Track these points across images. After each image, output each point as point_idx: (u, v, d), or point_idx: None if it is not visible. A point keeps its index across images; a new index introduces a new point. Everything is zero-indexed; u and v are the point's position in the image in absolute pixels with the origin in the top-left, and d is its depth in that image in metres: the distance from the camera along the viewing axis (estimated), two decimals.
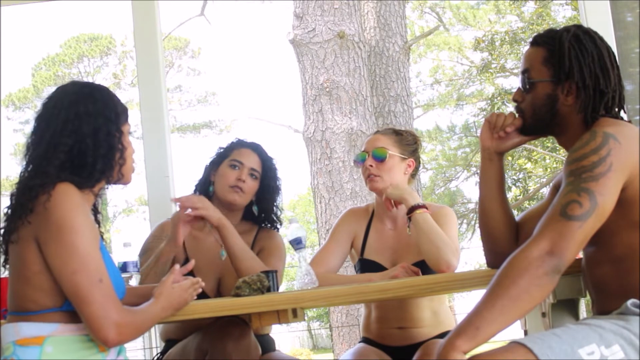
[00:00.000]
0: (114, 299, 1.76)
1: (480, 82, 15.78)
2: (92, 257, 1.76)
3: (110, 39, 21.56)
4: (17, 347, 1.75)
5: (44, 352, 1.74)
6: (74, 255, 1.73)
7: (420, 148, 2.77)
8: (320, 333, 22.85)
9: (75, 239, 1.74)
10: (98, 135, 1.87)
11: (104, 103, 1.92)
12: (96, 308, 1.72)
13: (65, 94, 1.93)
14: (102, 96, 1.93)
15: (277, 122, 32.46)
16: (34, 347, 1.75)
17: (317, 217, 7.34)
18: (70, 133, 1.85)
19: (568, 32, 1.89)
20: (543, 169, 12.90)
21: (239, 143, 2.74)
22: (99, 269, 1.76)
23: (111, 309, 1.74)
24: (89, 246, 1.76)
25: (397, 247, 2.64)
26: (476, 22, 15.26)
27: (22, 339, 1.76)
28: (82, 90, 1.93)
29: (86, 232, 1.77)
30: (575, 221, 1.60)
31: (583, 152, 1.69)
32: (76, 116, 1.87)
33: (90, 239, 1.77)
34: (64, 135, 1.85)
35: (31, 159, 1.88)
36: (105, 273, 1.77)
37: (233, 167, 2.65)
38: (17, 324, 1.78)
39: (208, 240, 2.62)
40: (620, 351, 1.56)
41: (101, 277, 1.75)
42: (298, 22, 7.40)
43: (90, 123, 1.87)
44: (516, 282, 1.56)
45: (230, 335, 2.25)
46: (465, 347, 1.53)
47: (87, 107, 1.89)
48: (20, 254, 1.79)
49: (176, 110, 21.82)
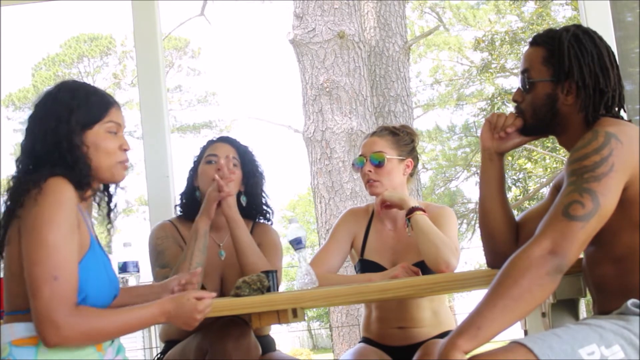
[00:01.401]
0: (64, 299, 1.69)
1: (480, 82, 15.78)
2: (57, 253, 1.70)
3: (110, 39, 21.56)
4: (13, 348, 1.74)
5: (39, 352, 1.73)
6: (38, 248, 1.69)
7: (418, 145, 2.77)
8: (320, 333, 22.85)
9: (46, 231, 1.70)
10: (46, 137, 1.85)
11: (61, 102, 1.89)
12: (41, 304, 1.68)
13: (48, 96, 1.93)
14: (62, 94, 1.90)
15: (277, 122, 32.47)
16: (29, 347, 1.74)
17: (317, 217, 7.34)
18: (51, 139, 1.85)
19: (567, 32, 1.89)
20: (543, 169, 12.90)
21: (210, 141, 2.76)
22: (59, 266, 1.69)
23: (57, 309, 1.67)
24: (59, 241, 1.71)
25: (397, 248, 2.64)
26: (476, 22, 15.26)
27: (17, 339, 1.75)
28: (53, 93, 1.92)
29: (61, 227, 1.72)
30: (577, 221, 1.60)
31: (585, 152, 1.69)
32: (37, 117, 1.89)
33: (64, 235, 1.72)
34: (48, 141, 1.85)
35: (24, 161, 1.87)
36: (68, 271, 1.71)
37: (209, 162, 2.65)
38: (13, 324, 1.77)
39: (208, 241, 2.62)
40: (621, 351, 1.56)
41: (58, 274, 1.69)
42: (298, 22, 7.40)
43: (44, 124, 1.86)
44: (518, 282, 1.56)
45: (230, 335, 2.26)
46: (466, 347, 1.53)
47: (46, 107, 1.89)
48: (11, 250, 1.78)
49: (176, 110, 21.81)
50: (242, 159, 2.68)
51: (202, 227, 2.47)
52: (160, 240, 2.61)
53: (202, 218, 2.49)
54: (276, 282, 2.31)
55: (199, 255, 2.44)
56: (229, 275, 2.59)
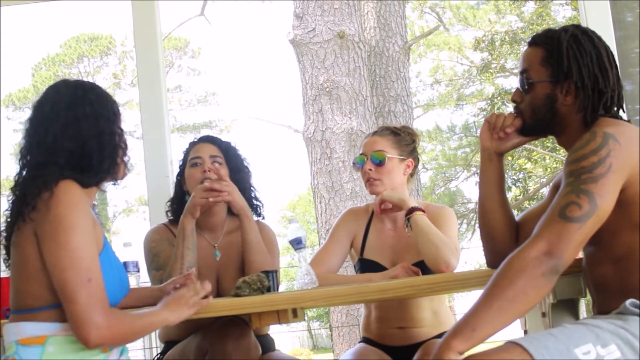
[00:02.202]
0: (100, 301, 1.74)
1: (480, 82, 15.78)
2: (85, 256, 1.74)
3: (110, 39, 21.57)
4: (19, 347, 1.75)
5: (45, 352, 1.74)
6: (66, 253, 1.72)
7: (418, 145, 2.77)
8: (320, 333, 22.85)
9: (70, 236, 1.73)
10: (102, 137, 1.87)
11: (101, 104, 1.92)
12: (80, 308, 1.71)
13: (59, 96, 1.91)
14: (97, 97, 1.93)
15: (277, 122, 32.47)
16: (35, 347, 1.75)
17: (317, 217, 7.34)
18: (72, 137, 1.85)
19: (566, 32, 1.89)
20: (543, 169, 12.90)
21: (191, 143, 2.76)
22: (89, 268, 1.74)
23: (95, 310, 1.72)
24: (83, 244, 1.75)
25: (397, 247, 2.64)
26: (476, 22, 15.26)
27: (24, 339, 1.76)
28: (76, 92, 1.92)
29: (83, 230, 1.76)
30: (574, 223, 1.60)
31: (583, 153, 1.69)
32: (76, 120, 1.87)
33: (86, 238, 1.76)
34: (65, 139, 1.85)
35: (30, 162, 1.88)
36: (97, 273, 1.76)
37: (194, 165, 2.65)
38: (19, 323, 1.78)
39: (201, 242, 2.63)
40: (617, 351, 1.56)
41: (91, 276, 1.73)
42: (298, 22, 7.40)
43: (92, 126, 1.87)
44: (513, 283, 1.56)
45: (230, 335, 2.26)
46: (461, 348, 1.53)
47: (85, 109, 1.88)
48: (22, 251, 1.79)
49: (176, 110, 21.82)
50: (225, 155, 2.69)
51: (187, 226, 2.48)
52: (155, 243, 2.61)
53: (187, 217, 2.50)
54: (276, 282, 2.32)
55: (189, 254, 2.46)
56: (224, 275, 2.59)
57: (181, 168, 2.73)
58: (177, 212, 2.66)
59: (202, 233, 2.63)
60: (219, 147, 2.70)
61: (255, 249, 2.52)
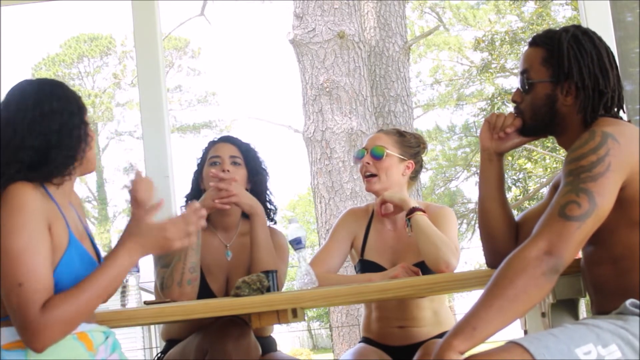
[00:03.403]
0: (30, 303, 1.66)
1: (480, 82, 15.79)
2: (21, 260, 1.67)
3: (110, 39, 21.59)
4: (3, 352, 1.73)
5: (29, 353, 1.72)
6: (2, 258, 1.68)
7: (424, 152, 2.77)
8: (320, 333, 22.86)
9: (7, 240, 1.68)
10: (63, 130, 1.83)
11: (66, 98, 1.89)
12: (12, 314, 1.67)
13: (25, 94, 1.88)
14: (63, 92, 1.90)
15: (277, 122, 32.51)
16: (19, 351, 1.72)
17: (317, 217, 7.34)
18: (38, 134, 1.81)
19: (567, 33, 1.89)
20: (543, 169, 12.91)
21: (211, 142, 2.76)
22: (24, 273, 1.66)
23: (25, 314, 1.65)
24: (22, 248, 1.68)
25: (397, 248, 2.64)
26: (476, 22, 15.27)
27: (6, 344, 1.74)
28: (42, 89, 1.89)
29: (23, 233, 1.69)
30: (573, 222, 1.60)
31: (582, 152, 1.69)
32: (41, 115, 1.83)
33: (28, 240, 1.69)
34: (31, 136, 1.81)
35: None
36: (35, 276, 1.68)
37: (213, 164, 2.65)
38: (1, 329, 1.76)
39: (214, 241, 2.63)
40: (618, 351, 1.56)
41: (22, 280, 1.66)
42: (298, 22, 7.40)
43: (55, 120, 1.84)
44: (514, 282, 1.56)
45: (230, 335, 2.26)
46: (462, 348, 1.53)
47: (51, 104, 1.85)
48: None
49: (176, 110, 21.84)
50: (245, 156, 2.69)
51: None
52: None
53: None
54: (276, 282, 2.32)
55: (193, 255, 2.45)
56: (234, 275, 2.59)
57: (199, 166, 2.73)
58: None
59: (216, 232, 2.63)
60: (239, 147, 2.70)
61: (263, 248, 2.52)
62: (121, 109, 22.13)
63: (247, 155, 2.69)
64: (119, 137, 22.23)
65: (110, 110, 21.65)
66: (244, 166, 2.66)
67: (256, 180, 2.69)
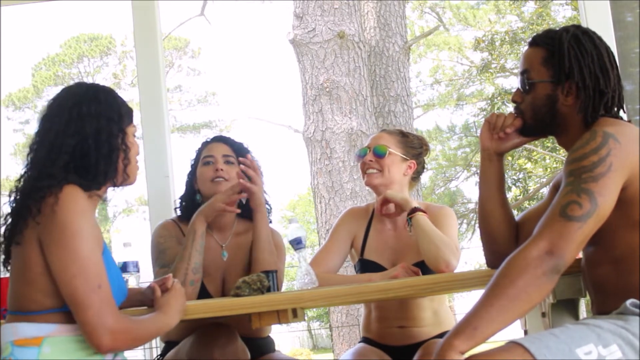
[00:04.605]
0: (111, 305, 1.75)
1: (480, 82, 15.78)
2: (92, 262, 1.75)
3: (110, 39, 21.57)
4: (15, 348, 1.75)
5: (41, 353, 1.74)
6: (74, 260, 1.73)
7: (426, 154, 2.77)
8: (320, 333, 22.85)
9: (77, 243, 1.74)
10: (100, 136, 1.87)
11: (108, 104, 1.92)
12: (92, 314, 1.72)
13: (69, 95, 1.93)
14: (106, 97, 1.93)
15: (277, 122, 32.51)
16: (31, 348, 1.75)
17: (317, 217, 7.34)
18: (74, 133, 1.85)
19: (567, 33, 1.89)
20: (543, 169, 12.90)
21: (204, 142, 2.77)
22: (98, 274, 1.75)
23: (107, 315, 1.73)
24: (90, 251, 1.75)
25: (397, 248, 2.64)
26: (476, 22, 15.26)
27: (20, 340, 1.75)
28: (86, 92, 1.93)
29: (89, 237, 1.76)
30: (575, 222, 1.60)
31: (583, 152, 1.69)
32: (79, 116, 1.87)
33: (92, 244, 1.77)
34: (67, 135, 1.85)
35: (35, 160, 1.88)
36: (105, 278, 1.77)
37: (207, 163, 2.65)
38: (15, 324, 1.78)
39: (210, 242, 2.63)
40: (618, 351, 1.56)
41: (100, 282, 1.75)
42: (298, 22, 7.40)
43: (92, 123, 1.87)
44: (514, 282, 1.56)
45: (217, 342, 2.27)
46: (462, 347, 1.53)
47: (90, 107, 1.89)
48: (24, 255, 1.79)
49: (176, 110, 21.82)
50: (238, 155, 2.69)
51: (199, 228, 2.49)
52: (163, 239, 2.61)
53: (201, 220, 2.50)
54: (276, 282, 2.32)
55: (196, 256, 2.45)
56: (230, 276, 2.59)
57: (193, 167, 2.73)
58: (187, 209, 2.67)
59: (211, 233, 2.63)
60: (232, 146, 2.71)
61: (264, 247, 2.53)
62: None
63: (240, 154, 2.69)
64: None
65: None
66: (237, 165, 2.67)
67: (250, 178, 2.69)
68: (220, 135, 2.78)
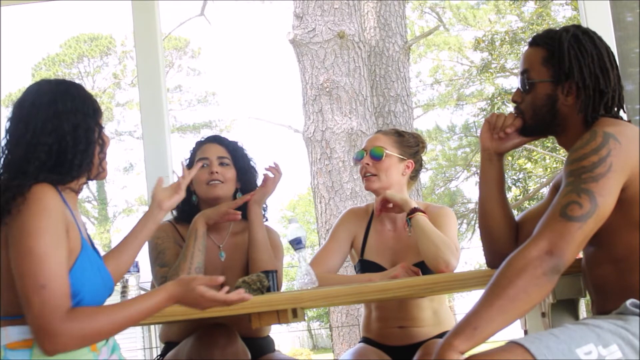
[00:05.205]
0: (55, 307, 1.66)
1: (480, 82, 15.79)
2: (44, 261, 1.68)
3: (110, 39, 21.58)
4: (7, 351, 1.73)
5: (33, 354, 1.72)
6: (24, 258, 1.67)
7: (423, 151, 2.77)
8: (320, 333, 22.86)
9: (32, 241, 1.68)
10: (77, 132, 1.84)
11: (81, 99, 1.89)
12: (33, 315, 1.66)
13: (40, 93, 1.89)
14: (79, 92, 1.90)
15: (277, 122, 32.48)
16: (23, 350, 1.72)
17: (317, 217, 7.34)
18: (51, 132, 1.82)
19: (567, 32, 1.89)
20: (543, 169, 12.91)
21: (198, 143, 2.76)
22: (47, 275, 1.67)
23: (48, 317, 1.65)
24: (46, 250, 1.68)
25: (397, 248, 2.64)
26: (476, 22, 15.27)
27: (11, 343, 1.74)
28: (58, 88, 1.90)
29: (46, 235, 1.69)
30: (575, 222, 1.60)
31: (583, 152, 1.69)
32: (55, 114, 1.84)
33: (51, 242, 1.70)
34: (44, 134, 1.81)
35: (10, 161, 1.84)
36: (58, 279, 1.69)
37: (202, 166, 2.66)
38: (6, 327, 1.76)
39: (207, 242, 2.62)
40: (618, 351, 1.56)
41: (45, 282, 1.66)
42: (298, 22, 7.40)
43: (69, 120, 1.84)
44: (514, 282, 1.56)
45: (217, 344, 2.27)
46: (462, 347, 1.53)
47: (66, 104, 1.85)
48: (2, 258, 1.75)
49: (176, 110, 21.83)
50: (232, 156, 2.69)
51: (200, 228, 2.50)
52: (161, 240, 2.61)
53: (202, 220, 2.51)
54: (276, 282, 2.32)
55: (199, 256, 2.46)
56: (228, 276, 2.59)
57: (188, 167, 2.73)
58: (182, 211, 2.67)
59: (208, 233, 2.63)
60: (226, 147, 2.70)
61: (262, 248, 2.54)
62: (121, 109, 22.14)
63: (234, 154, 2.69)
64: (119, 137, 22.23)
65: (110, 110, 21.65)
66: (232, 166, 2.67)
67: (245, 179, 2.70)
68: (215, 136, 2.77)
